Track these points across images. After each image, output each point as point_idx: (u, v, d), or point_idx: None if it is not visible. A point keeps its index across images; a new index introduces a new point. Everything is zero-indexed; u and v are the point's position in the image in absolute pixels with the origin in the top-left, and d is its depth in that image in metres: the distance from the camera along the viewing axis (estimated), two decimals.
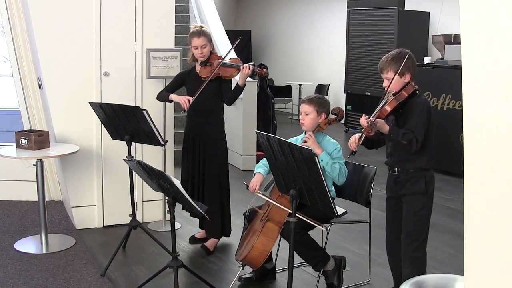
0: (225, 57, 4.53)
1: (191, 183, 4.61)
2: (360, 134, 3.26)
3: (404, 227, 3.44)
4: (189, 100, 4.44)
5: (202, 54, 4.49)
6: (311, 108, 3.81)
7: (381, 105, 3.30)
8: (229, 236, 4.73)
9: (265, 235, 3.64)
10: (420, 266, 3.41)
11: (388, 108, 3.27)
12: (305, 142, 3.70)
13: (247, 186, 3.84)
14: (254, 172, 3.94)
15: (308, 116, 3.82)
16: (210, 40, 4.55)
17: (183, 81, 4.68)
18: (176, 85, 4.70)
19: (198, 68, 4.58)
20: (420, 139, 3.25)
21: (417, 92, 3.35)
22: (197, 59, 4.56)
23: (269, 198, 3.66)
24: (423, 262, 3.44)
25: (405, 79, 3.34)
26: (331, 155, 3.73)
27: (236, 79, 4.54)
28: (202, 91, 4.42)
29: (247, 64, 4.49)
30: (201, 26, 4.60)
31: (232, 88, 4.56)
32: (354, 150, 3.27)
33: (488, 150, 1.68)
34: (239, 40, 4.71)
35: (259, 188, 3.83)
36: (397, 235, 3.52)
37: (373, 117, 3.21)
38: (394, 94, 3.32)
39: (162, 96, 4.70)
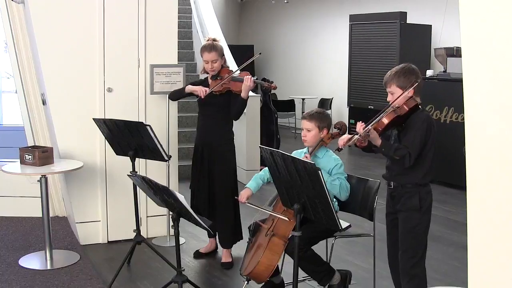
0: (236, 71, 4.56)
1: (203, 194, 4.63)
2: (351, 136, 3.29)
3: (401, 244, 3.42)
4: (205, 91, 4.46)
5: (212, 69, 4.52)
6: (312, 124, 3.80)
7: (379, 116, 3.31)
8: (242, 238, 4.71)
9: (270, 249, 3.63)
10: (419, 283, 3.35)
11: (385, 121, 3.28)
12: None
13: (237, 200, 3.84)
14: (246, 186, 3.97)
15: (310, 132, 3.80)
16: (221, 54, 4.57)
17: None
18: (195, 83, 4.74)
19: (210, 80, 4.62)
20: (414, 155, 3.25)
21: (419, 106, 3.33)
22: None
23: (260, 208, 3.65)
24: (422, 279, 3.38)
25: (408, 93, 3.32)
26: (332, 171, 3.73)
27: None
28: (212, 103, 4.51)
29: (249, 76, 4.44)
30: (214, 40, 4.60)
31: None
32: (341, 147, 3.33)
33: (491, 162, 1.69)
34: (259, 54, 5.06)
35: (249, 201, 3.80)
36: (397, 250, 3.48)
37: (370, 125, 3.22)
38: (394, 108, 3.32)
39: (176, 92, 4.78)
